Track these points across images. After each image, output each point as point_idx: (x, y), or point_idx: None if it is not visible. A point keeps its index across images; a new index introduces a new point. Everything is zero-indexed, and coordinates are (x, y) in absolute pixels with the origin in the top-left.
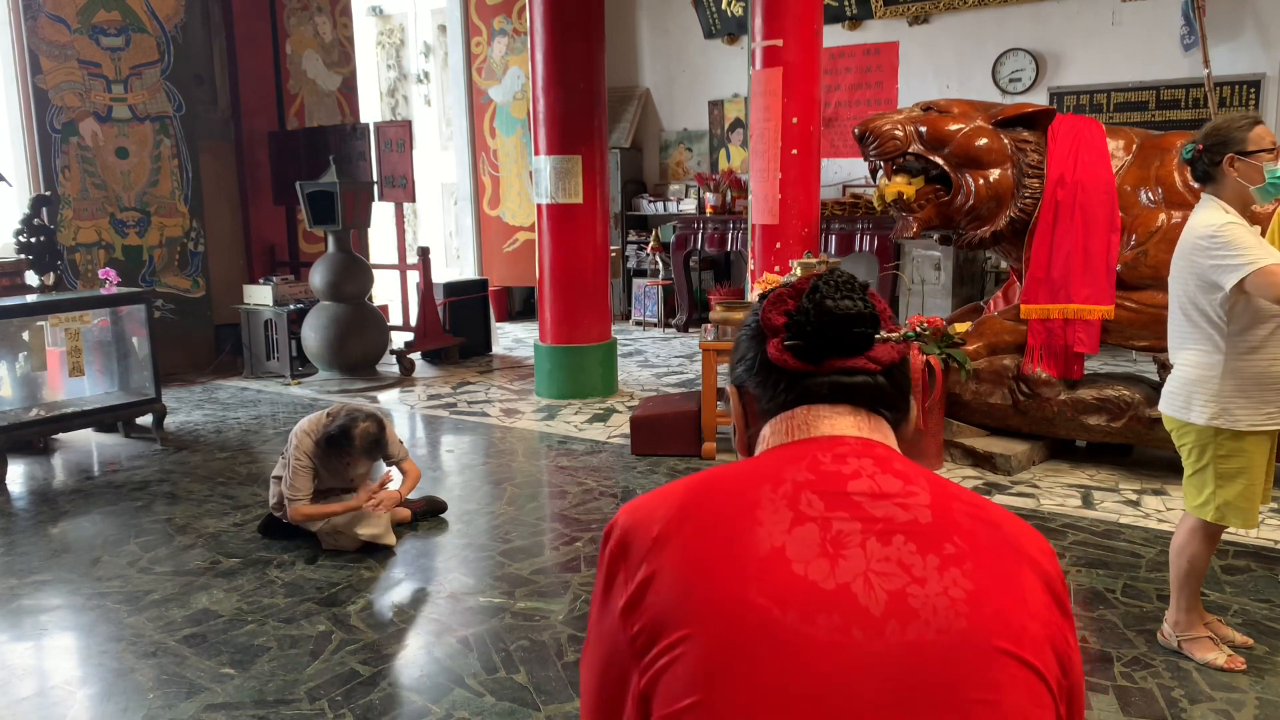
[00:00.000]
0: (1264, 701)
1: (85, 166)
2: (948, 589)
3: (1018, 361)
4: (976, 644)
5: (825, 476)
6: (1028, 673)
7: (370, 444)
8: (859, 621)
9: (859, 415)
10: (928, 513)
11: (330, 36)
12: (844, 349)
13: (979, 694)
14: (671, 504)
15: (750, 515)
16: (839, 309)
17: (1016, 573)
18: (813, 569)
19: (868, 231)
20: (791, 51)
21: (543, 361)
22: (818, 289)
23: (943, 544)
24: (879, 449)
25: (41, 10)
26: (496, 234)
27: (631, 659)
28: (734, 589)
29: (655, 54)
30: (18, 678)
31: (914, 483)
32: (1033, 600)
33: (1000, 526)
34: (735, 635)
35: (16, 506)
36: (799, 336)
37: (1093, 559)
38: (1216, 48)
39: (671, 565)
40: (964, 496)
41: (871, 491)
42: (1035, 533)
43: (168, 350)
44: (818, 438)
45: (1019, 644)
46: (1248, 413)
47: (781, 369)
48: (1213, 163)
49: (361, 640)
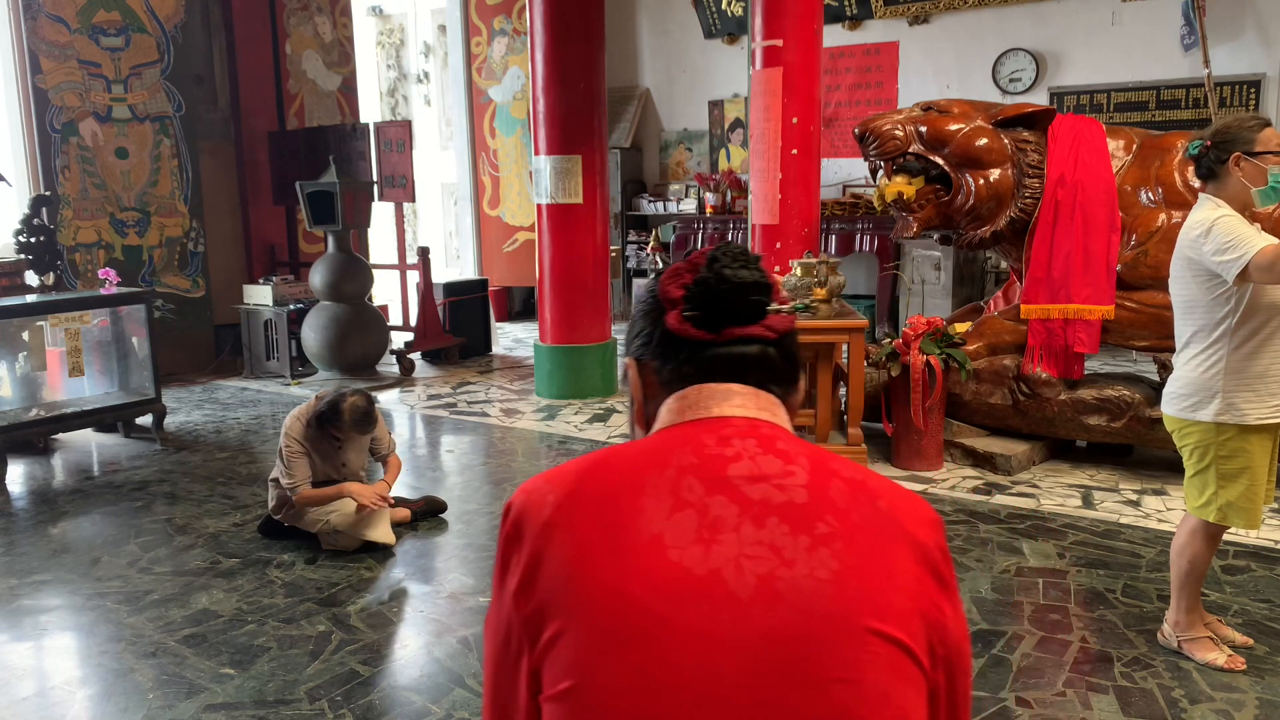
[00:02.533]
0: (1264, 702)
1: (85, 166)
2: (814, 570)
3: (1018, 361)
4: (839, 624)
5: (707, 460)
6: (893, 649)
7: (360, 417)
8: (726, 606)
9: (748, 394)
10: (803, 493)
11: (330, 36)
12: (742, 317)
13: (838, 673)
14: (563, 487)
15: (634, 502)
16: (738, 277)
17: (888, 548)
18: (687, 555)
19: (868, 231)
20: (791, 51)
21: (543, 361)
22: (717, 259)
23: (815, 524)
24: (764, 428)
25: (41, 10)
26: (496, 234)
27: (525, 640)
28: (612, 578)
29: (655, 54)
30: (18, 678)
31: (794, 462)
32: (901, 573)
33: (878, 501)
34: (610, 623)
35: (16, 506)
36: (697, 307)
37: (1093, 559)
38: (1217, 48)
39: (558, 551)
40: (844, 472)
41: (751, 474)
42: (917, 504)
43: (168, 350)
44: (706, 419)
45: (884, 619)
46: (1254, 406)
47: (682, 339)
48: (1218, 160)
49: (361, 640)
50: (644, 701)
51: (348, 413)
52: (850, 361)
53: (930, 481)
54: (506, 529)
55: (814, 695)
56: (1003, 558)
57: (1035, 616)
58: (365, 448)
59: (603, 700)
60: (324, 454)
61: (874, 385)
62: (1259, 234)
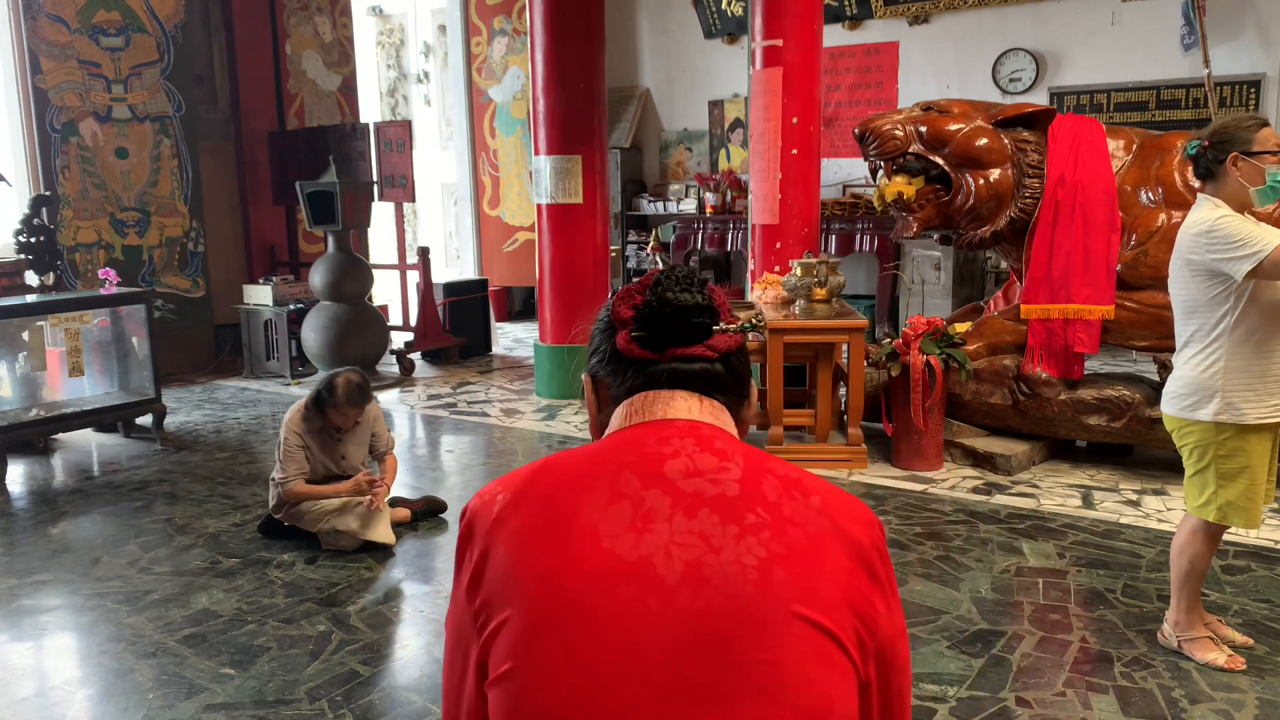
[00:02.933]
0: (1264, 702)
1: (85, 166)
2: (741, 556)
3: (1018, 361)
4: (764, 607)
5: (646, 458)
6: (818, 634)
7: (354, 391)
8: (654, 590)
9: (693, 400)
10: (735, 486)
11: (330, 36)
12: (684, 338)
13: (760, 654)
14: (512, 488)
15: (576, 498)
16: (678, 301)
17: (818, 539)
18: (620, 543)
19: (868, 231)
20: (791, 51)
21: (543, 361)
22: (660, 283)
23: (745, 514)
24: (704, 430)
25: (41, 10)
26: (496, 234)
27: (474, 633)
28: (549, 567)
29: (655, 54)
30: (18, 678)
31: (729, 459)
32: (830, 564)
33: (811, 497)
34: (545, 608)
35: (16, 506)
36: (644, 328)
37: (1093, 559)
38: (1216, 48)
39: (504, 547)
40: (779, 470)
41: (686, 470)
42: (853, 505)
43: (167, 350)
44: (651, 421)
45: (810, 605)
46: (1253, 405)
47: (630, 358)
48: (1216, 160)
49: (361, 640)
50: (575, 679)
51: (342, 387)
52: (850, 361)
53: (930, 481)
54: (461, 530)
55: (736, 675)
56: (1003, 558)
57: (1035, 616)
58: (365, 441)
59: (536, 680)
60: (323, 445)
61: (874, 385)
62: (1269, 229)
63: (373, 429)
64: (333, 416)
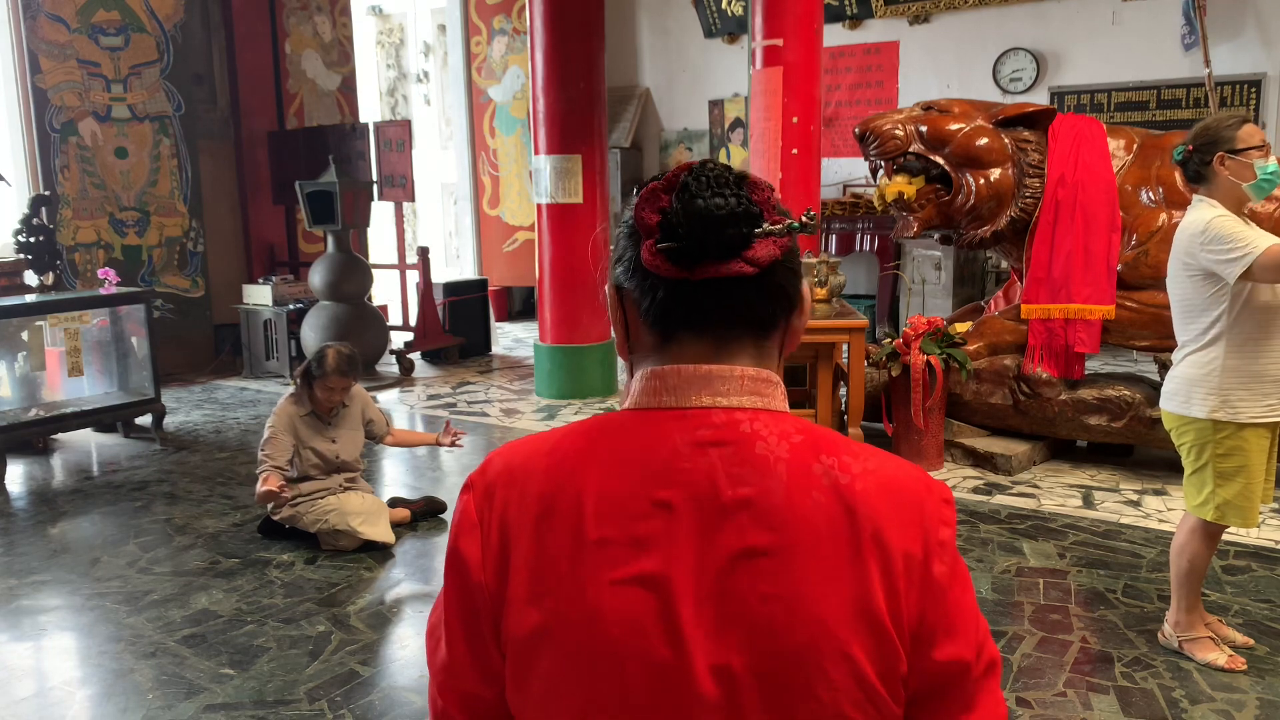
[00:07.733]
0: (1265, 702)
1: (84, 166)
2: (763, 595)
3: (1018, 361)
4: (800, 655)
5: (675, 473)
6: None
7: (344, 361)
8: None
9: (729, 378)
10: (770, 513)
11: (330, 36)
12: (719, 251)
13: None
14: (536, 473)
15: (595, 507)
16: (709, 208)
17: (841, 567)
18: (632, 568)
19: (868, 231)
20: (792, 51)
21: (543, 361)
22: (687, 186)
23: (776, 542)
24: (744, 424)
25: (41, 10)
26: (496, 234)
27: (485, 601)
28: (570, 573)
29: (655, 54)
30: (18, 678)
31: (770, 475)
32: (849, 589)
33: (856, 512)
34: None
35: (16, 507)
36: (672, 237)
37: (1093, 559)
38: (1217, 47)
39: (525, 539)
40: (821, 483)
41: (715, 489)
42: (906, 504)
43: (167, 350)
44: (681, 410)
45: (830, 637)
46: (1249, 404)
47: (656, 275)
48: (1203, 162)
49: (361, 640)
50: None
51: (332, 357)
52: (850, 361)
53: None
54: (476, 499)
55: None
56: (1003, 558)
57: (1035, 616)
58: (357, 425)
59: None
60: (314, 427)
61: (874, 385)
62: (1260, 232)
63: (366, 414)
64: (320, 391)
